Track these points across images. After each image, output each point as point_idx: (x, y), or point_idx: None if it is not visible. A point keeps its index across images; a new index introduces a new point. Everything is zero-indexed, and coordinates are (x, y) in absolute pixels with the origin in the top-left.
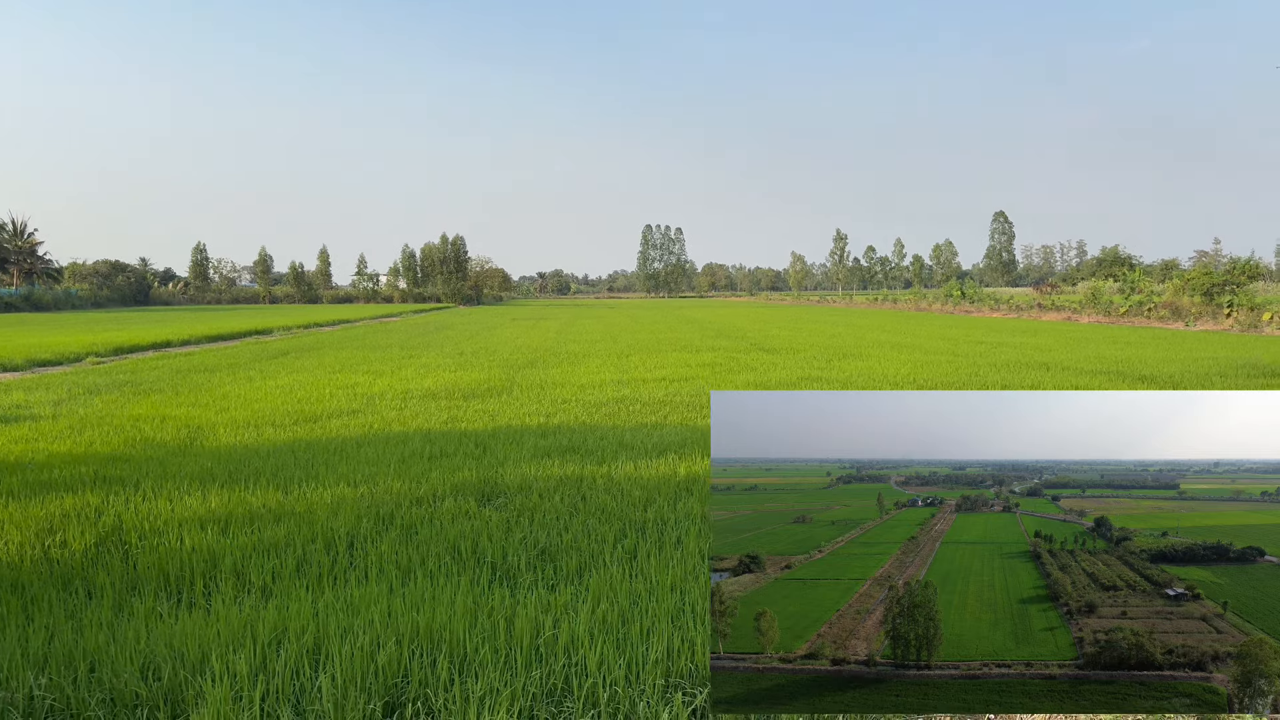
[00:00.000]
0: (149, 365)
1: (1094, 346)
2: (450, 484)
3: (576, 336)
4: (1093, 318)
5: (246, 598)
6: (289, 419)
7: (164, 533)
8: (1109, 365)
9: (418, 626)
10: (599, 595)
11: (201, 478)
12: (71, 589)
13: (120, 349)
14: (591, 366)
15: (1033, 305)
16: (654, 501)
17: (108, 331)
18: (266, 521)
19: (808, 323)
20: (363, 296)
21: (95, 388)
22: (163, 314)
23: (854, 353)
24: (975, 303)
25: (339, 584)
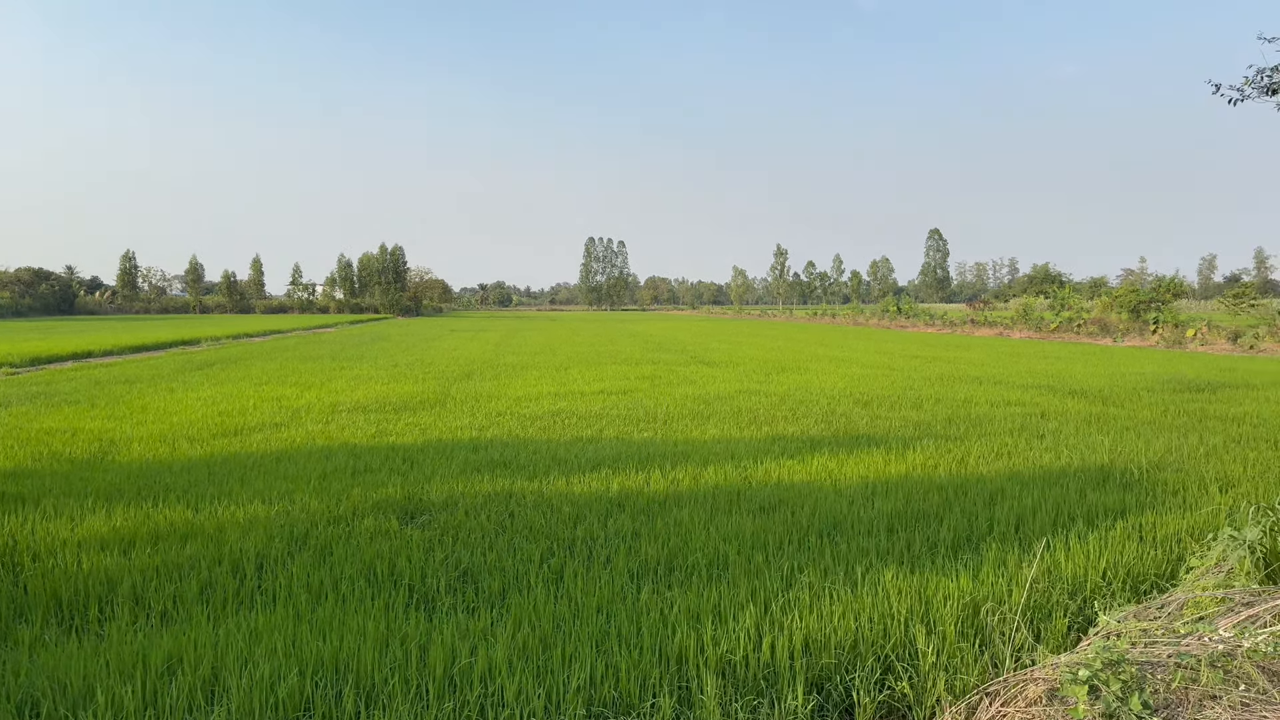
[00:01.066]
0: (66, 376)
1: (1026, 361)
2: (372, 501)
3: (516, 349)
4: (1024, 333)
5: (143, 625)
6: (208, 433)
7: (60, 554)
8: (1041, 380)
9: (323, 656)
10: (520, 619)
11: (109, 494)
12: None
13: (38, 359)
14: (529, 379)
15: (966, 321)
16: (584, 518)
17: (27, 341)
18: (172, 542)
19: (748, 336)
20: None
21: (4, 399)
22: (87, 324)
23: (793, 366)
24: (911, 318)
25: (244, 609)
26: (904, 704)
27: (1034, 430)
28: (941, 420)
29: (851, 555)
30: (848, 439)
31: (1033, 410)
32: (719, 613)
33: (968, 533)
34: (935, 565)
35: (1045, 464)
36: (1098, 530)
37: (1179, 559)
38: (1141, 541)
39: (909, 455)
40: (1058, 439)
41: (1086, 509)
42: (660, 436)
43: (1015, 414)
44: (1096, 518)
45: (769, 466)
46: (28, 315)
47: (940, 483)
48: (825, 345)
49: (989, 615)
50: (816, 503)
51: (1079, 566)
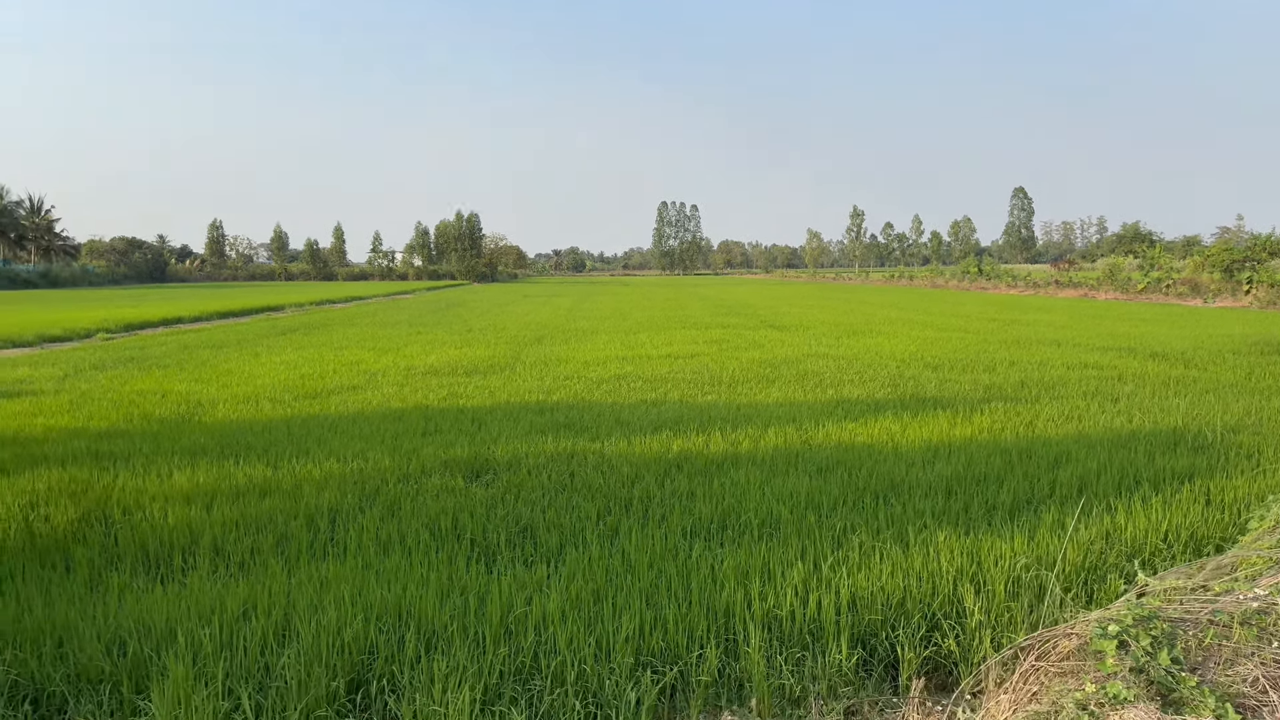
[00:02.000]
0: (157, 341)
1: (1108, 323)
2: (440, 460)
3: (587, 313)
4: (1110, 295)
5: (222, 573)
6: (289, 395)
7: (148, 507)
8: (1120, 342)
9: (388, 603)
10: (575, 572)
11: (194, 452)
12: (50, 564)
13: (131, 325)
14: (598, 343)
15: (1050, 282)
16: (642, 478)
17: (121, 308)
18: (252, 497)
19: (821, 300)
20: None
21: (101, 363)
22: (178, 290)
23: (864, 330)
24: (992, 279)
25: (317, 560)
26: (949, 661)
27: (1108, 394)
28: (1013, 384)
29: (906, 516)
30: (913, 402)
31: (1109, 373)
32: (768, 570)
33: (1028, 495)
34: (991, 527)
35: (1116, 427)
36: (1163, 493)
37: (1246, 522)
38: (1208, 505)
39: (975, 419)
40: (1131, 402)
41: (1154, 472)
42: (723, 399)
43: (1091, 377)
44: (1163, 481)
45: (830, 429)
46: (122, 282)
47: (1005, 446)
48: (900, 308)
49: (1040, 575)
50: (875, 464)
51: (1139, 529)
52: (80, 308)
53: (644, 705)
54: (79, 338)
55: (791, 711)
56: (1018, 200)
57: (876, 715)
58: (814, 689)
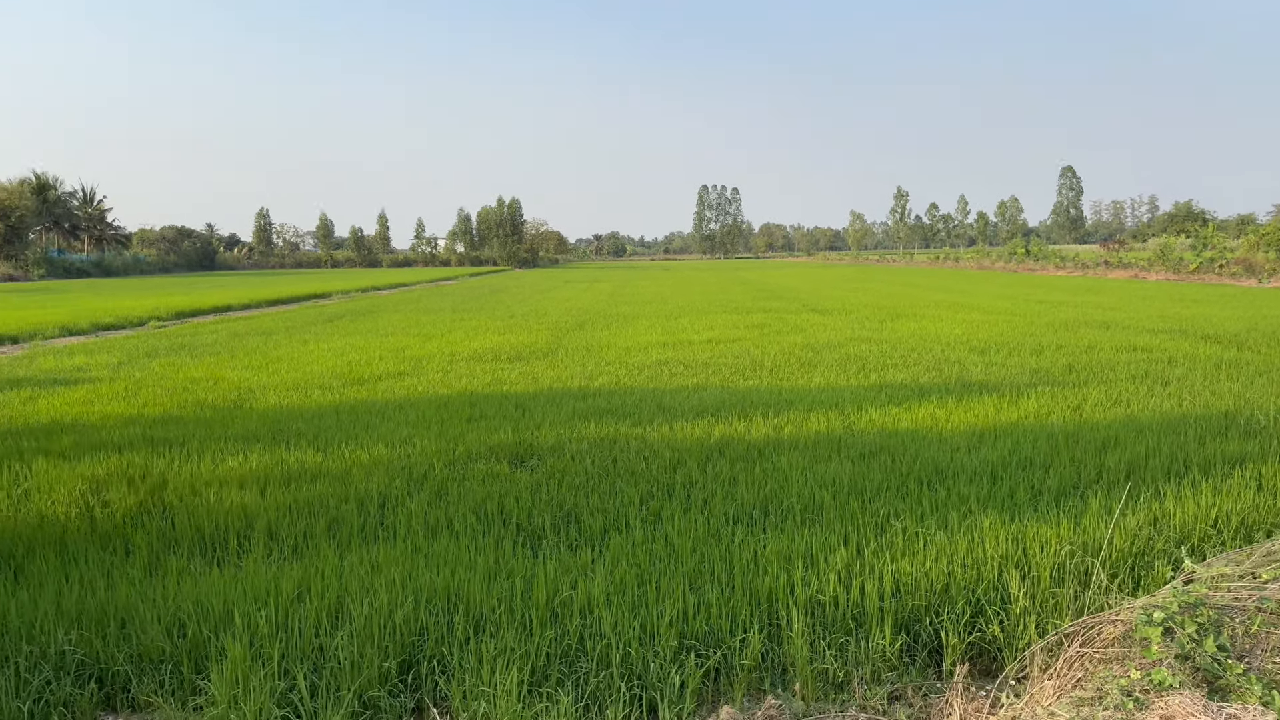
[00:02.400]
0: (208, 329)
1: (1159, 304)
2: (485, 445)
3: (628, 299)
4: (1161, 275)
5: (276, 556)
6: (337, 381)
7: (203, 492)
8: (1172, 324)
9: (436, 586)
10: (619, 557)
11: (246, 438)
12: (110, 547)
13: (182, 313)
14: (640, 329)
15: (1099, 263)
16: (684, 464)
17: (172, 296)
18: (303, 481)
19: (864, 283)
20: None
21: (154, 351)
22: (226, 279)
23: (908, 313)
24: (1040, 261)
25: (367, 544)
26: (994, 646)
27: (1158, 377)
28: (1061, 367)
29: (950, 502)
30: (958, 386)
31: (1159, 356)
32: (810, 555)
33: (1074, 480)
34: (1037, 512)
35: (1165, 411)
36: (1213, 479)
37: None
38: (1260, 490)
39: (1022, 403)
40: (1182, 386)
41: (1204, 457)
42: (765, 384)
43: (1140, 360)
44: (1213, 466)
45: (873, 414)
46: (173, 271)
47: (1051, 431)
48: (945, 291)
49: (1085, 561)
50: (919, 450)
51: (1189, 515)
52: (133, 296)
53: (688, 688)
54: (132, 325)
55: (835, 695)
56: (1066, 179)
57: (920, 700)
58: (857, 673)
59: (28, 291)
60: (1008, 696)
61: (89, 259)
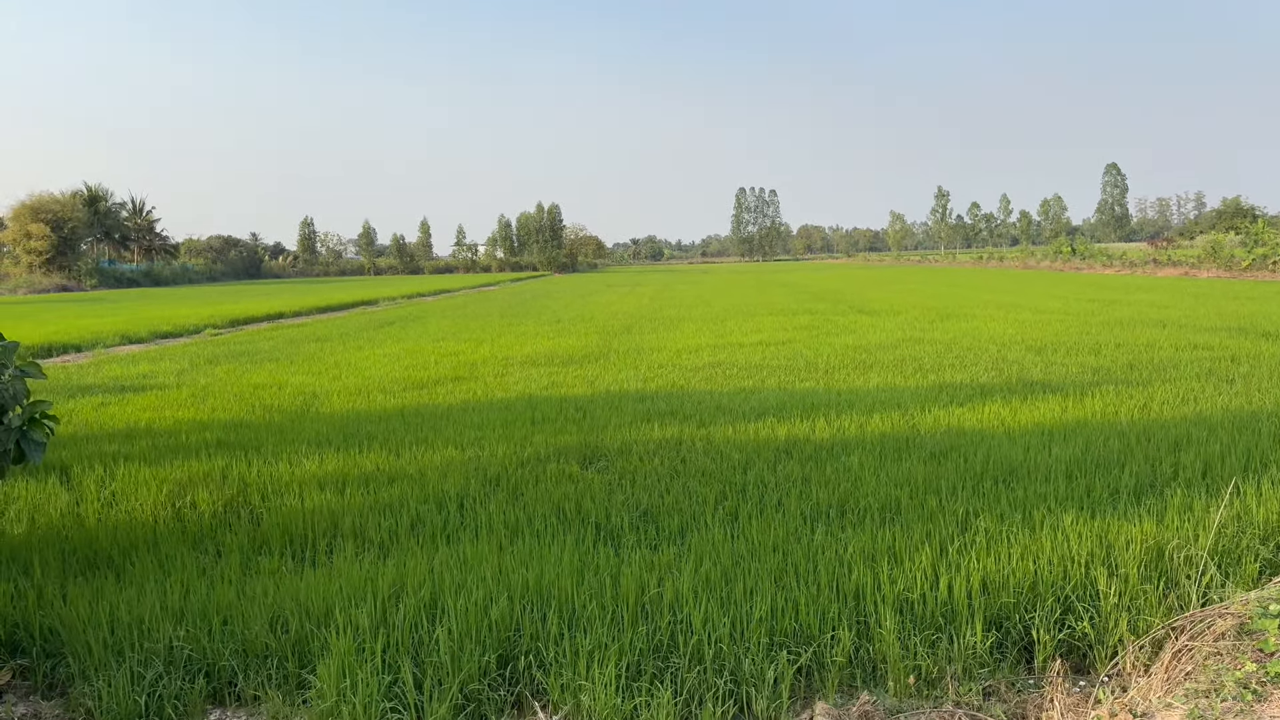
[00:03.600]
0: (264, 336)
1: (1214, 302)
2: (553, 447)
3: (671, 302)
4: (1212, 273)
5: (365, 555)
6: (397, 385)
7: (285, 494)
8: (1230, 322)
9: (527, 583)
10: (701, 555)
11: (318, 441)
12: (202, 548)
13: (236, 321)
14: (687, 331)
15: (1148, 261)
16: (753, 464)
17: (224, 304)
18: (380, 483)
19: (908, 283)
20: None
21: (214, 357)
22: (274, 286)
23: (958, 313)
24: (1086, 259)
25: (451, 542)
26: (1085, 643)
27: (1223, 375)
28: (1122, 366)
29: (1028, 500)
30: (1020, 386)
31: (1221, 354)
32: (894, 553)
33: (1151, 479)
34: (1117, 511)
35: (1235, 408)
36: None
37: None
38: None
39: (1087, 402)
40: (1249, 383)
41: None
42: (822, 386)
43: (1202, 358)
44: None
45: (937, 414)
46: (220, 279)
47: (1121, 429)
48: (992, 290)
49: (1174, 557)
50: (989, 449)
51: (1272, 513)
52: (186, 304)
53: (782, 684)
54: (188, 333)
55: (928, 692)
56: (1110, 177)
57: (1014, 695)
58: (949, 670)
59: (83, 301)
60: (1109, 692)
61: (139, 268)
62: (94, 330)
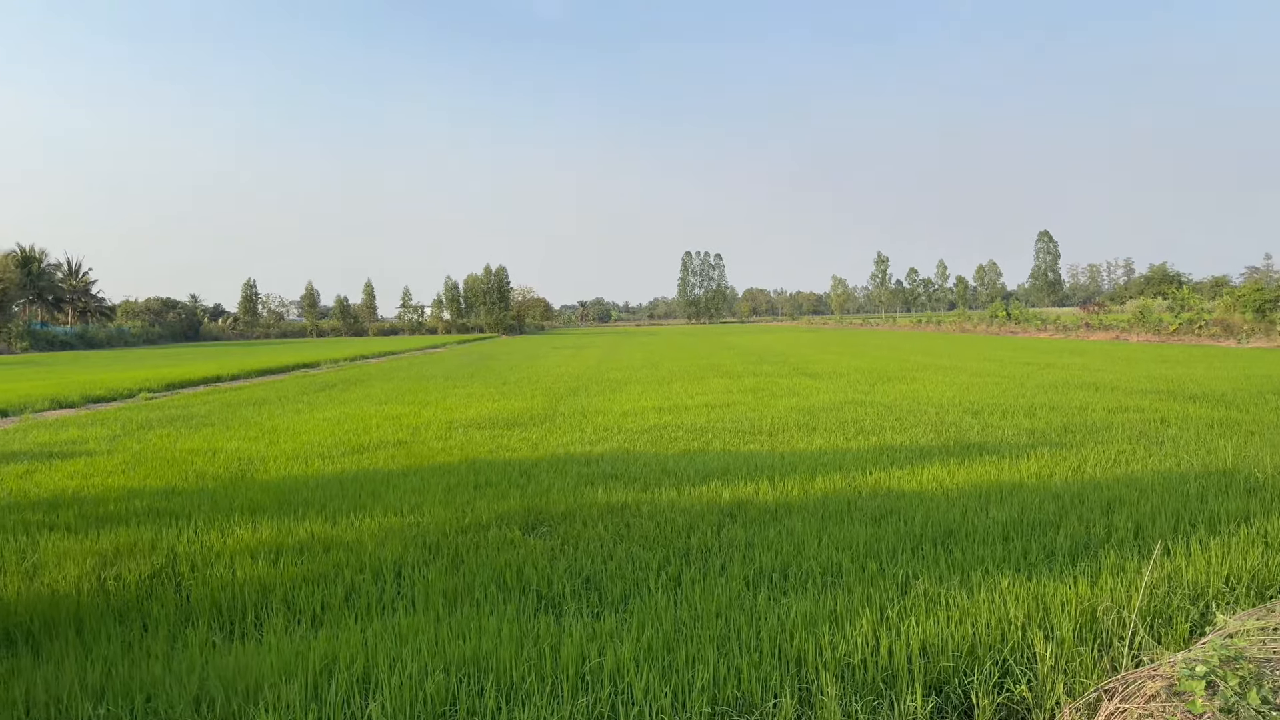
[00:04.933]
0: (200, 400)
1: (1144, 366)
2: (495, 512)
3: (618, 364)
4: (1142, 337)
5: (297, 627)
6: (336, 450)
7: (216, 564)
8: (1160, 384)
9: (465, 655)
10: (644, 622)
11: (252, 509)
12: (127, 621)
13: (172, 384)
14: (633, 393)
15: (1080, 325)
16: (697, 528)
17: (160, 367)
18: (316, 551)
19: (850, 346)
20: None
21: (148, 422)
22: (213, 349)
23: (898, 376)
24: (1021, 323)
25: (387, 613)
26: (1023, 706)
27: (1153, 437)
28: (1056, 428)
29: (967, 563)
30: (958, 448)
31: (1151, 416)
32: (835, 618)
33: (1085, 540)
34: (1052, 572)
35: (1165, 470)
36: (1220, 536)
37: None
38: (1267, 547)
39: (1023, 464)
40: (1178, 445)
41: (1208, 515)
42: (766, 448)
43: (1133, 420)
44: (1219, 524)
45: (878, 476)
46: (157, 342)
47: (1056, 491)
48: (931, 354)
49: (1106, 619)
50: (929, 511)
51: (1200, 572)
52: (121, 368)
53: None
54: (122, 397)
55: None
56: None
57: None
58: None
59: (13, 365)
60: None
61: (73, 331)
62: (23, 395)
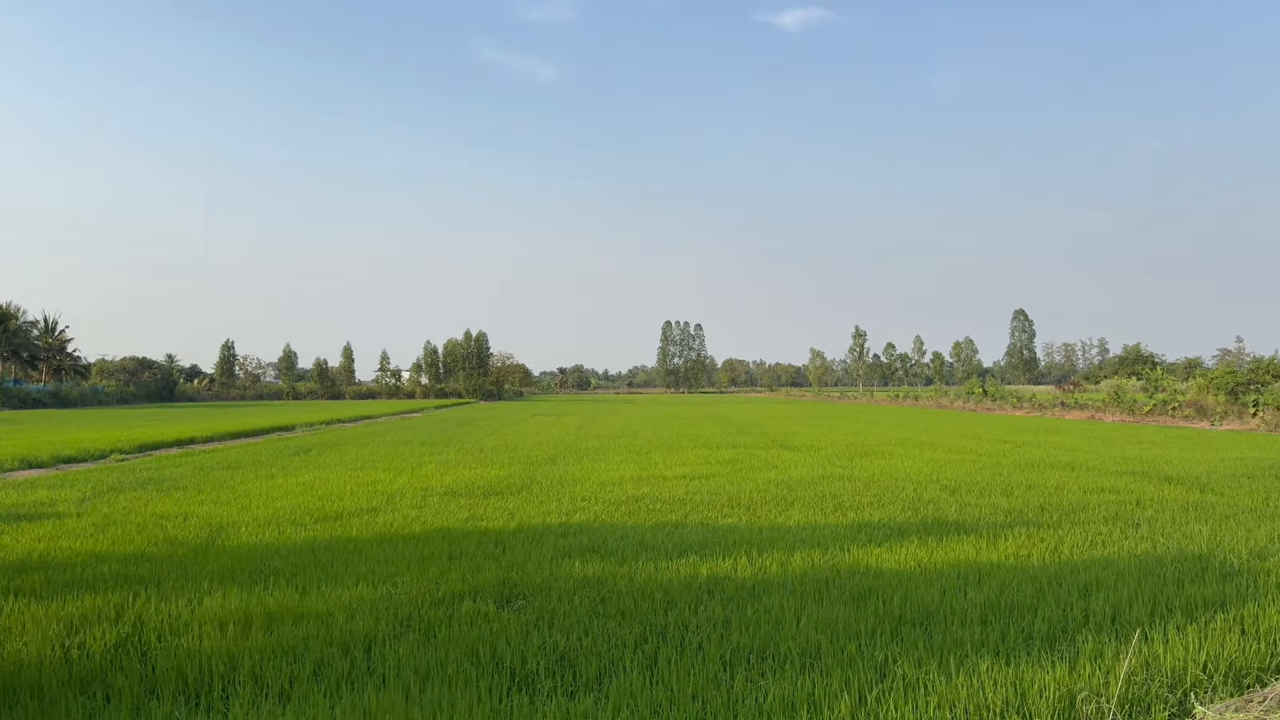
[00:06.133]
0: (172, 462)
1: (1119, 446)
2: (470, 585)
3: (597, 433)
4: (1117, 416)
5: (264, 702)
6: (309, 517)
7: (183, 634)
8: (1135, 465)
9: None
10: (619, 704)
11: (222, 577)
12: (90, 692)
13: (145, 445)
14: (612, 463)
15: (1055, 403)
16: (675, 604)
17: (133, 428)
18: (285, 623)
19: (828, 419)
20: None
21: (119, 485)
22: (188, 410)
23: (876, 450)
24: (997, 400)
25: (357, 689)
26: None
27: (1129, 519)
28: (1033, 508)
29: (946, 646)
30: (936, 526)
31: (1127, 498)
32: (814, 702)
33: (1063, 624)
34: (1030, 656)
35: (1142, 553)
36: (1197, 622)
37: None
38: (1243, 634)
39: (1000, 544)
40: (1154, 528)
41: (1185, 600)
42: (745, 522)
43: (1109, 501)
44: (1196, 609)
45: (857, 554)
46: (131, 402)
47: (1034, 572)
48: (908, 428)
49: (1086, 707)
50: (908, 591)
51: (1178, 659)
52: (93, 428)
53: None
54: (93, 458)
55: None
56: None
57: None
58: None
59: None
60: None
61: (45, 389)
62: None
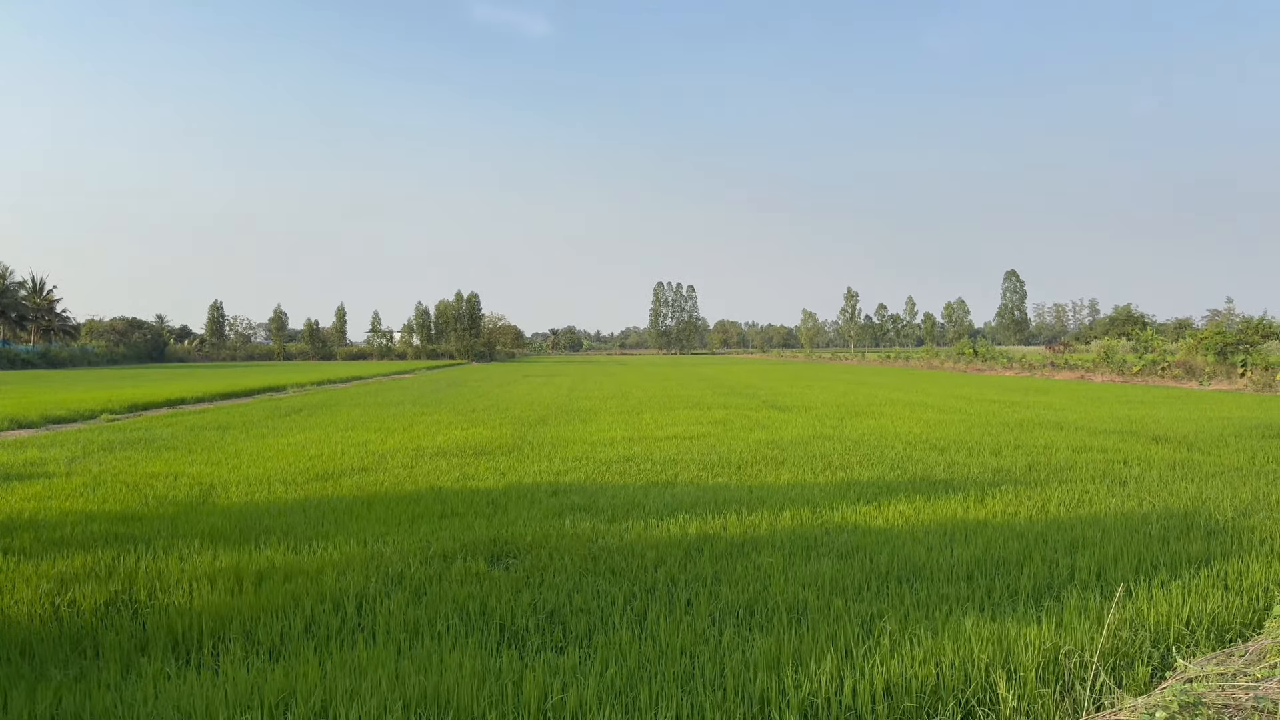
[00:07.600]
0: (163, 422)
1: (1108, 406)
2: (460, 543)
3: (588, 393)
4: (1106, 376)
5: (255, 659)
6: (301, 477)
7: (173, 591)
8: (1123, 425)
9: (424, 690)
10: (608, 658)
11: (212, 536)
12: (80, 649)
13: (135, 406)
14: (603, 423)
15: (1046, 364)
16: (664, 562)
17: (123, 388)
18: (276, 580)
19: (820, 380)
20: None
21: (109, 445)
22: (178, 370)
23: (866, 411)
24: (988, 361)
25: (346, 645)
26: None
27: (1116, 477)
28: (1021, 466)
29: (931, 601)
30: (924, 485)
31: (1115, 456)
32: (800, 656)
33: (1049, 580)
34: (1016, 612)
35: (1127, 511)
36: (1181, 578)
37: (1266, 607)
38: (1226, 590)
39: (988, 502)
40: (1140, 486)
41: (1170, 557)
42: (735, 481)
43: (1097, 460)
44: (1180, 566)
45: (845, 512)
46: (121, 362)
47: (1020, 530)
48: (899, 389)
49: (1069, 661)
50: (895, 549)
51: (1162, 615)
52: (83, 388)
53: None
54: (83, 419)
55: None
56: (1010, 283)
57: None
58: None
59: None
60: None
61: (35, 350)
62: None
